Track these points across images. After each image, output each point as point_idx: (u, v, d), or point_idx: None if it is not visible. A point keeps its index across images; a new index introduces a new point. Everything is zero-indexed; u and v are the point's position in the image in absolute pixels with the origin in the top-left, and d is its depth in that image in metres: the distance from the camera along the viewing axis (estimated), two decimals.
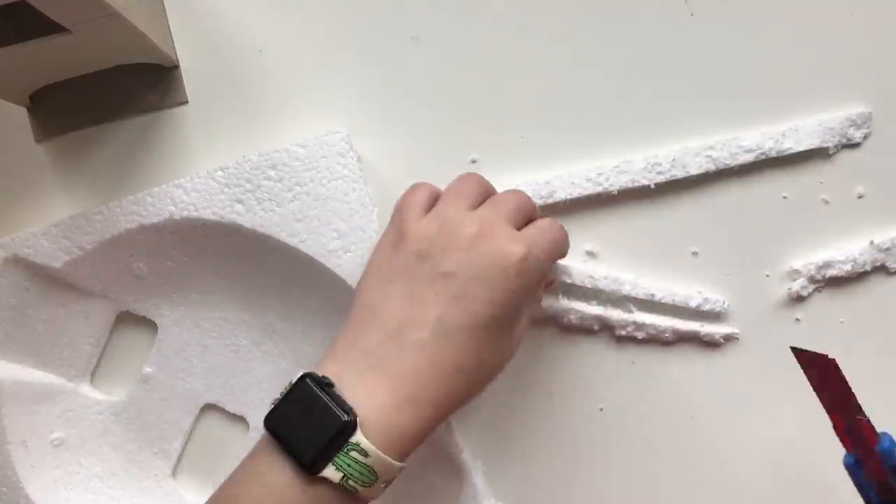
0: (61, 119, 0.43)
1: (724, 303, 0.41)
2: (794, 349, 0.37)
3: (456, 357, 0.33)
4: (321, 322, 0.42)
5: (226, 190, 0.40)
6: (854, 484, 0.36)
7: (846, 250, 0.41)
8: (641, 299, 0.41)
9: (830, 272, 0.41)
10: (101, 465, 0.43)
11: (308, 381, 0.32)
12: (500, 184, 0.41)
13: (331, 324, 0.42)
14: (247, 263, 0.42)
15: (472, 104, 0.42)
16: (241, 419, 0.43)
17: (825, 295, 0.42)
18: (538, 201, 0.41)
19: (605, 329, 0.41)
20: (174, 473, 0.43)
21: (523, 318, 0.36)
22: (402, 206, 0.37)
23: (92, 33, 0.35)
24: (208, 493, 0.43)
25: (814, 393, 0.36)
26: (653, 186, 0.41)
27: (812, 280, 0.41)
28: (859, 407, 0.37)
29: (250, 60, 0.43)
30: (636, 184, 0.41)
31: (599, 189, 0.41)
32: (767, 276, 0.42)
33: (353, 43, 0.42)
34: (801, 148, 0.41)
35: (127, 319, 0.44)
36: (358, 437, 0.31)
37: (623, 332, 0.41)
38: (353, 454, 0.31)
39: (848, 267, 0.41)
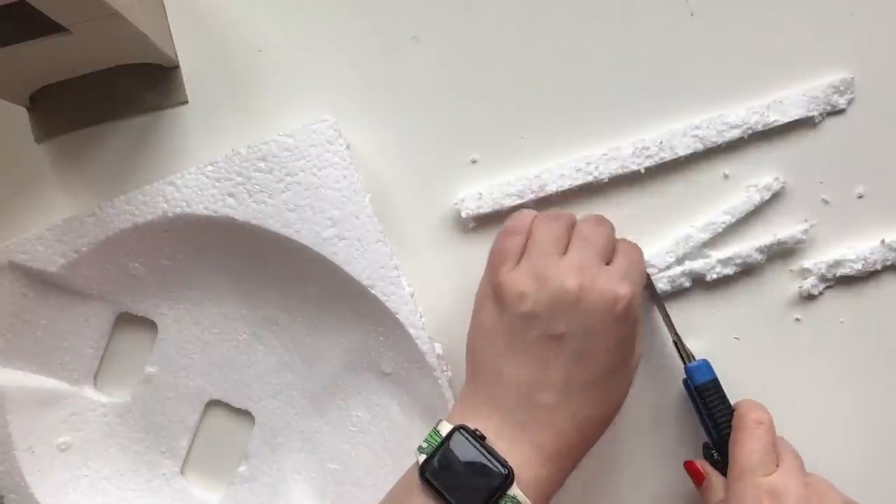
0: (61, 119, 0.43)
1: (778, 180, 0.41)
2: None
3: (586, 410, 0.34)
4: (320, 311, 0.42)
5: (217, 184, 0.40)
6: (691, 401, 0.40)
7: (857, 249, 0.41)
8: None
9: (841, 271, 0.41)
10: (109, 467, 0.43)
11: (462, 433, 0.33)
12: (499, 182, 0.42)
13: (330, 312, 0.42)
14: (243, 257, 0.42)
15: (472, 104, 0.42)
16: (246, 413, 0.43)
17: (825, 294, 0.42)
18: (530, 196, 0.41)
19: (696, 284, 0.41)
20: (183, 471, 0.44)
21: (637, 341, 0.37)
22: (495, 256, 0.37)
23: (92, 33, 0.35)
24: (218, 488, 0.44)
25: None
26: (643, 171, 0.41)
27: (823, 279, 0.41)
28: (674, 327, 0.40)
29: (250, 60, 0.43)
30: (626, 170, 0.41)
31: (590, 178, 0.41)
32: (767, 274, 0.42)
33: (354, 43, 0.43)
34: (787, 119, 0.41)
35: (126, 320, 0.44)
36: (514, 490, 0.32)
37: (714, 275, 0.41)
38: None
39: (859, 266, 0.41)
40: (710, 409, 0.38)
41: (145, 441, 0.43)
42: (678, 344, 0.39)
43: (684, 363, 0.39)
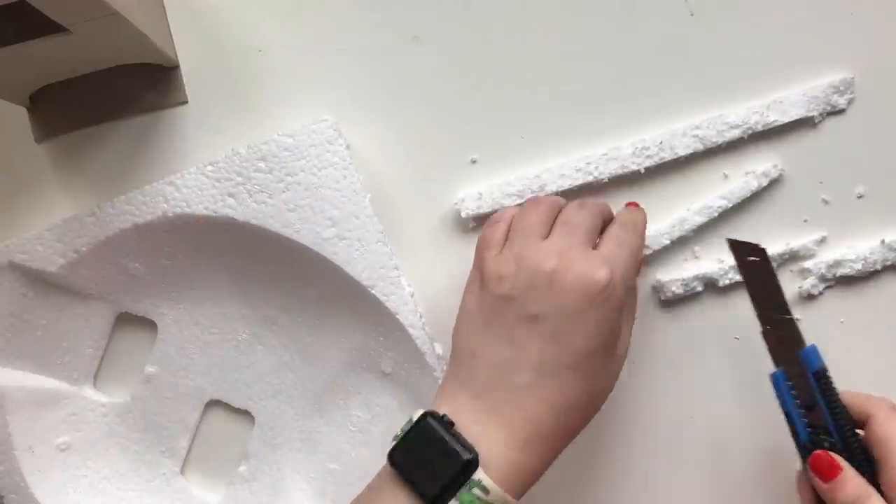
0: (61, 119, 0.43)
1: (777, 167, 0.41)
2: (729, 240, 0.38)
3: (564, 395, 0.33)
4: (320, 311, 0.42)
5: (217, 184, 0.40)
6: (777, 398, 0.36)
7: (857, 249, 0.41)
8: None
9: (841, 271, 0.41)
10: (109, 467, 0.43)
11: (430, 419, 0.33)
12: (499, 182, 0.42)
13: (330, 312, 0.42)
14: (243, 257, 0.42)
15: (472, 104, 0.42)
16: (246, 413, 0.43)
17: (825, 294, 0.42)
18: (529, 195, 0.41)
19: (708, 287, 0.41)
20: (183, 471, 0.44)
21: (624, 333, 0.36)
22: (481, 243, 0.37)
23: (92, 33, 0.35)
24: (218, 488, 0.44)
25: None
26: (643, 171, 0.41)
27: (823, 279, 0.41)
28: (787, 307, 0.37)
29: (250, 60, 0.43)
30: (626, 170, 0.41)
31: (590, 178, 0.41)
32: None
33: (354, 43, 0.43)
34: (787, 119, 0.41)
35: (126, 320, 0.44)
36: (480, 475, 0.32)
37: (727, 280, 0.41)
38: (475, 491, 0.32)
39: (859, 266, 0.41)
40: (827, 397, 0.35)
41: (145, 441, 0.43)
42: (779, 330, 0.36)
43: (783, 353, 0.36)
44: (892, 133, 0.42)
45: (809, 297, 0.42)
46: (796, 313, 0.42)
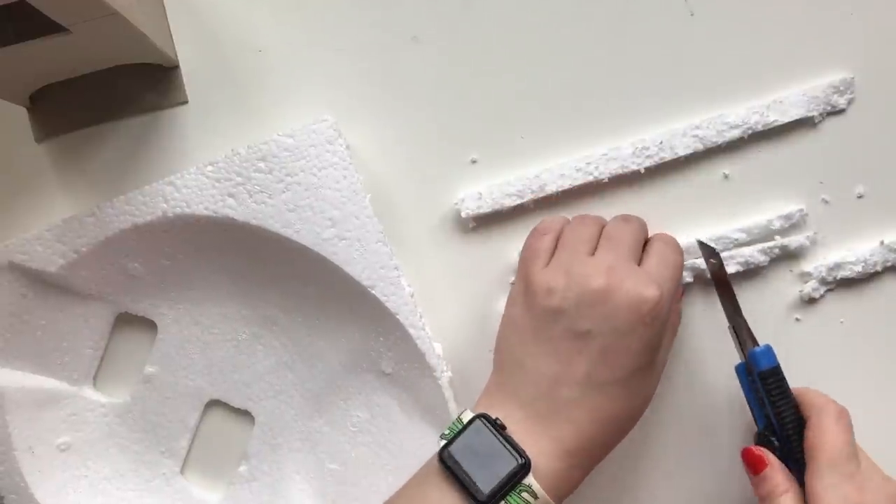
0: (61, 119, 0.43)
1: (802, 211, 0.41)
2: (699, 241, 0.40)
3: (608, 409, 0.34)
4: (320, 311, 0.42)
5: (217, 185, 0.40)
6: (742, 388, 0.39)
7: (856, 251, 0.41)
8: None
9: (841, 273, 0.41)
10: (109, 467, 0.43)
11: (482, 421, 0.34)
12: (499, 182, 0.42)
13: (330, 312, 0.42)
14: (242, 257, 0.42)
15: (472, 104, 0.42)
16: (245, 413, 0.43)
17: (826, 297, 0.42)
18: (530, 196, 0.41)
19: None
20: (183, 471, 0.44)
21: (664, 347, 0.36)
22: (527, 255, 0.38)
23: (92, 33, 0.35)
24: (218, 488, 0.44)
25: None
26: (643, 171, 0.41)
27: (823, 282, 0.41)
28: (740, 309, 0.39)
29: (250, 60, 0.43)
30: (626, 170, 0.41)
31: (590, 178, 0.41)
32: (767, 273, 0.42)
33: (354, 43, 0.43)
34: (787, 119, 0.41)
35: (126, 320, 0.44)
36: (530, 480, 0.33)
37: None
38: (525, 495, 0.32)
39: (859, 268, 0.41)
40: (772, 396, 0.37)
41: (145, 441, 0.43)
42: (737, 328, 0.39)
43: (742, 349, 0.38)
44: (892, 133, 0.42)
45: (811, 301, 0.42)
46: (797, 315, 0.42)
